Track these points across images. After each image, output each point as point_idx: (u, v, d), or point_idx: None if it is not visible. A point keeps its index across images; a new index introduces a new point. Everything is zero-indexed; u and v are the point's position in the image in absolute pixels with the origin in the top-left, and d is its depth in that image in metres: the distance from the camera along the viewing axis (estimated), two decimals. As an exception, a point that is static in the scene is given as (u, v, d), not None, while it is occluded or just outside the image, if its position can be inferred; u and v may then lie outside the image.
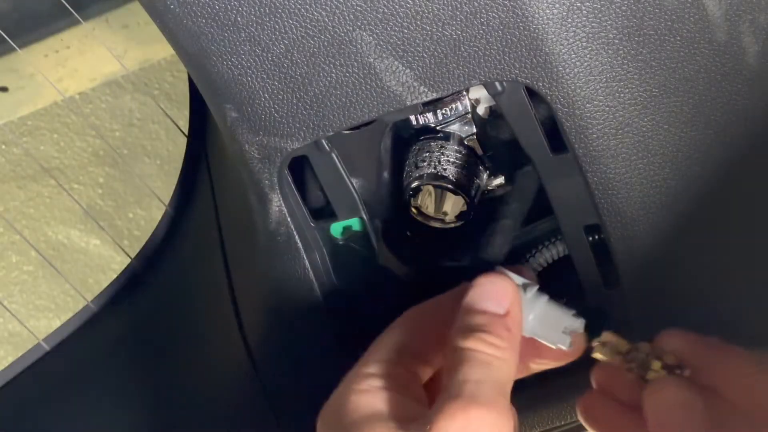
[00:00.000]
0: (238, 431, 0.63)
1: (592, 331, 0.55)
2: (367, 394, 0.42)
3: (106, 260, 1.27)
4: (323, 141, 0.49)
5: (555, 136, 0.48)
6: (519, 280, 0.45)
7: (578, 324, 0.45)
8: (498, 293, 0.44)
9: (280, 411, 0.61)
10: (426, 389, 0.45)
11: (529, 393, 0.57)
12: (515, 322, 0.43)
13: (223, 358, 0.65)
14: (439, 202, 0.52)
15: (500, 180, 0.53)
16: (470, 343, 0.42)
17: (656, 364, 0.44)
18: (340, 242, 0.54)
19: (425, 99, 0.47)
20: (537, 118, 0.47)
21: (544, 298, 0.45)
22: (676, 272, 0.52)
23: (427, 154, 0.52)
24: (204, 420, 0.64)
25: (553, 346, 0.45)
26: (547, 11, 0.44)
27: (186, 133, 0.71)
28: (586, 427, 0.47)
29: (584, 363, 0.55)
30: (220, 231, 0.66)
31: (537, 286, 0.45)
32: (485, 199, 0.53)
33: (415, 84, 0.46)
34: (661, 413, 0.42)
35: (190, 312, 0.68)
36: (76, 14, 0.91)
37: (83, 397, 0.66)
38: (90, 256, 1.28)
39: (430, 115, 0.51)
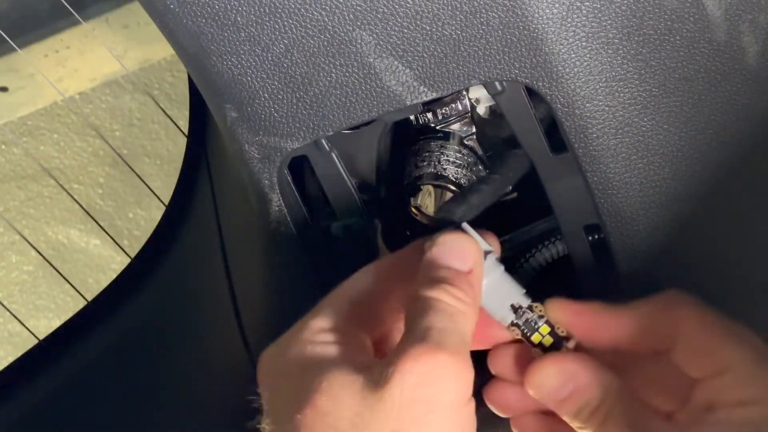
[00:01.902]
0: (237, 431, 0.63)
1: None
2: (318, 344, 0.42)
3: (106, 260, 1.28)
4: (323, 141, 0.49)
5: (555, 136, 0.48)
6: (483, 244, 0.45)
7: (526, 303, 0.45)
8: (463, 252, 0.43)
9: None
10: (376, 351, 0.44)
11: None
12: (477, 280, 0.43)
13: (223, 358, 0.65)
14: (439, 202, 0.52)
15: (500, 180, 0.53)
16: (435, 293, 0.41)
17: (545, 329, 0.44)
18: (340, 242, 0.54)
19: (425, 99, 0.47)
20: (537, 117, 0.47)
21: (501, 269, 0.45)
22: (676, 272, 0.52)
23: (427, 154, 0.52)
24: (204, 420, 0.64)
25: (496, 319, 0.45)
26: (547, 11, 0.44)
27: (186, 133, 0.71)
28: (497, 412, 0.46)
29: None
30: (220, 231, 0.66)
31: (497, 255, 0.45)
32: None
33: (415, 84, 0.46)
34: (542, 391, 0.42)
35: (190, 312, 0.68)
36: (76, 14, 0.91)
37: (83, 397, 0.66)
38: (90, 256, 1.28)
39: (430, 115, 0.51)
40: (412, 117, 0.51)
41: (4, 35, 0.86)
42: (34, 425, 0.66)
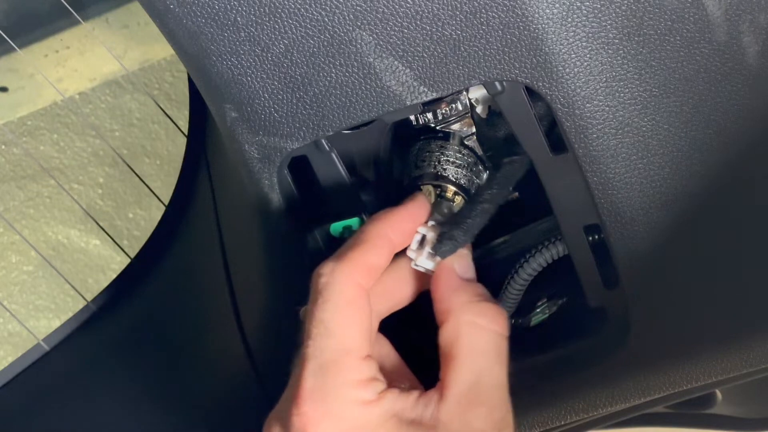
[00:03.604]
0: (237, 430, 0.63)
1: (588, 332, 0.55)
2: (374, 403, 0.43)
3: (106, 260, 1.28)
4: (323, 141, 0.49)
5: (555, 136, 0.48)
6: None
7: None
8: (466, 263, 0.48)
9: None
10: None
11: (530, 393, 0.57)
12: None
13: (223, 358, 0.65)
14: (439, 202, 0.52)
15: (500, 180, 0.53)
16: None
17: None
18: (340, 242, 0.53)
19: (425, 99, 0.47)
20: (537, 118, 0.47)
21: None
22: (676, 272, 0.52)
23: (427, 154, 0.52)
24: (203, 419, 0.64)
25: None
26: (547, 11, 0.44)
27: (186, 133, 0.71)
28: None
29: (585, 365, 0.56)
30: (220, 231, 0.66)
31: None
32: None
33: (415, 84, 0.46)
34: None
35: (189, 312, 0.68)
36: (76, 14, 0.91)
37: (83, 397, 0.66)
38: (90, 256, 1.28)
39: (430, 115, 0.51)
40: (412, 117, 0.51)
41: (4, 35, 0.86)
42: (35, 425, 0.66)
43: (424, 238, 0.47)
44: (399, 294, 0.48)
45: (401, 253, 0.48)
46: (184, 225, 0.70)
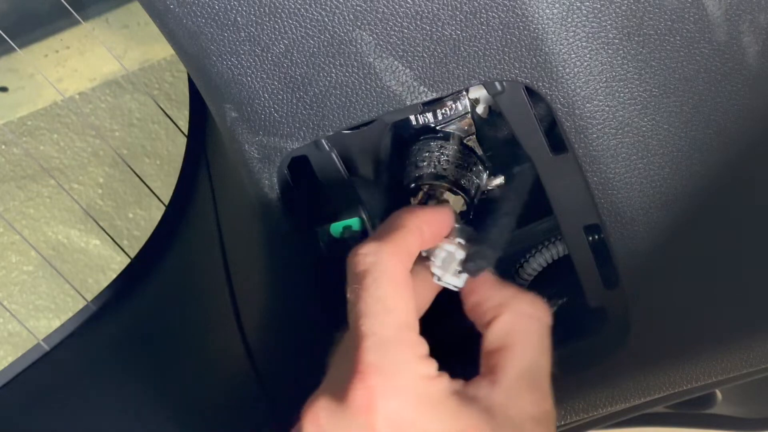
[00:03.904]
0: (237, 431, 0.63)
1: (588, 332, 0.55)
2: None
3: (106, 260, 1.27)
4: (323, 141, 0.49)
5: (555, 136, 0.48)
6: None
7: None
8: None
9: (280, 411, 0.61)
10: None
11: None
12: None
13: (223, 358, 0.65)
14: (439, 202, 0.52)
15: (500, 180, 0.53)
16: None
17: None
18: (340, 242, 0.54)
19: (425, 99, 0.47)
20: (537, 118, 0.47)
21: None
22: (676, 272, 0.52)
23: (427, 154, 0.52)
24: (203, 419, 0.64)
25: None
26: (547, 11, 0.44)
27: (186, 133, 0.71)
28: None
29: (585, 365, 0.56)
30: (220, 231, 0.66)
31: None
32: (485, 199, 0.53)
33: (415, 84, 0.46)
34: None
35: (189, 312, 0.68)
36: (76, 14, 0.91)
37: (83, 397, 0.66)
38: (90, 256, 1.28)
39: (430, 115, 0.51)
40: (412, 117, 0.51)
41: (4, 35, 0.86)
42: (35, 425, 0.66)
43: (448, 255, 0.47)
44: (421, 302, 0.48)
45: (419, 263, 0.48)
46: (184, 225, 0.70)
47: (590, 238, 0.51)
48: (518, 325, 0.46)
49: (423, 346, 0.43)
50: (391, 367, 0.42)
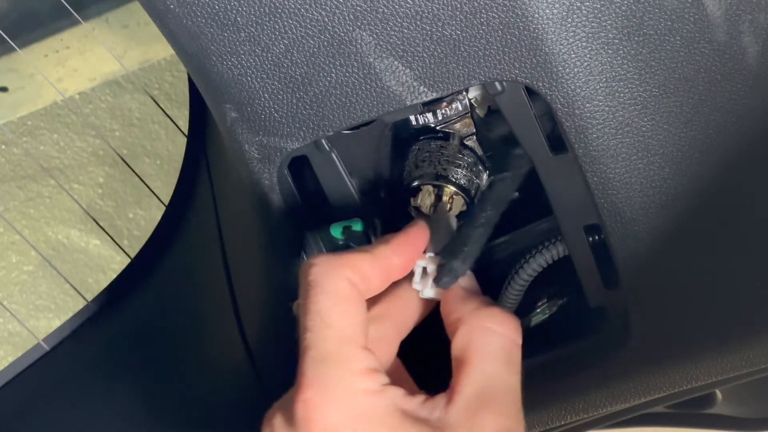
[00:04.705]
0: (237, 430, 0.63)
1: (588, 332, 0.55)
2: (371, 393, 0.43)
3: (106, 260, 1.27)
4: (323, 141, 0.49)
5: (555, 136, 0.48)
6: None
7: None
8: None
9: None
10: None
11: (529, 393, 0.57)
12: None
13: (223, 358, 0.65)
14: (439, 202, 0.52)
15: (500, 180, 0.53)
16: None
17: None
18: (340, 242, 0.54)
19: (425, 99, 0.47)
20: (537, 118, 0.47)
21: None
22: (676, 272, 0.52)
23: (427, 154, 0.52)
24: (203, 420, 0.64)
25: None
26: (547, 11, 0.44)
27: (186, 133, 0.71)
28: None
29: (585, 365, 0.56)
30: (220, 231, 0.66)
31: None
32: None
33: (415, 84, 0.46)
34: None
35: (189, 312, 0.68)
36: (76, 14, 0.91)
37: (83, 397, 0.66)
38: (90, 256, 1.28)
39: (430, 115, 0.51)
40: (412, 117, 0.51)
41: (4, 35, 0.86)
42: (35, 425, 0.66)
43: (422, 270, 0.48)
44: (409, 319, 0.49)
45: (406, 282, 0.49)
46: (184, 225, 0.70)
47: (590, 238, 0.51)
48: (475, 340, 0.45)
49: (366, 361, 0.43)
50: (329, 381, 0.42)
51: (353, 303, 0.44)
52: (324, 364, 0.43)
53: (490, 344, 0.45)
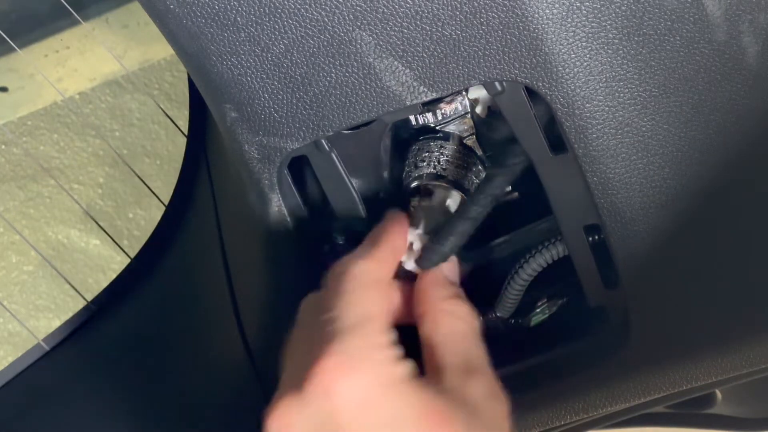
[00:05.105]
0: (237, 431, 0.63)
1: (588, 332, 0.55)
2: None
3: (106, 260, 1.27)
4: (323, 141, 0.49)
5: (555, 136, 0.48)
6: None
7: None
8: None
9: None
10: None
11: (530, 394, 0.57)
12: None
13: (223, 358, 0.65)
14: (439, 201, 0.52)
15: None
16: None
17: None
18: (340, 242, 0.54)
19: (425, 99, 0.47)
20: (537, 118, 0.47)
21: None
22: (676, 272, 0.52)
23: (427, 154, 0.52)
24: (203, 420, 0.64)
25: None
26: (547, 11, 0.44)
27: (186, 133, 0.71)
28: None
29: (585, 365, 0.56)
30: (220, 231, 0.66)
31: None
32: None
33: (415, 84, 0.46)
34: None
35: (189, 312, 0.68)
36: (75, 14, 0.91)
37: (83, 397, 0.66)
38: (90, 256, 1.28)
39: (429, 115, 0.51)
40: (411, 117, 0.51)
41: (4, 35, 0.86)
42: (35, 425, 0.66)
43: (411, 245, 0.50)
44: (402, 309, 0.49)
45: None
46: (184, 225, 0.70)
47: (590, 238, 0.51)
48: (444, 323, 0.47)
49: (386, 335, 0.44)
50: (349, 350, 0.43)
51: (379, 288, 0.46)
52: (344, 337, 0.43)
53: (458, 327, 0.47)
